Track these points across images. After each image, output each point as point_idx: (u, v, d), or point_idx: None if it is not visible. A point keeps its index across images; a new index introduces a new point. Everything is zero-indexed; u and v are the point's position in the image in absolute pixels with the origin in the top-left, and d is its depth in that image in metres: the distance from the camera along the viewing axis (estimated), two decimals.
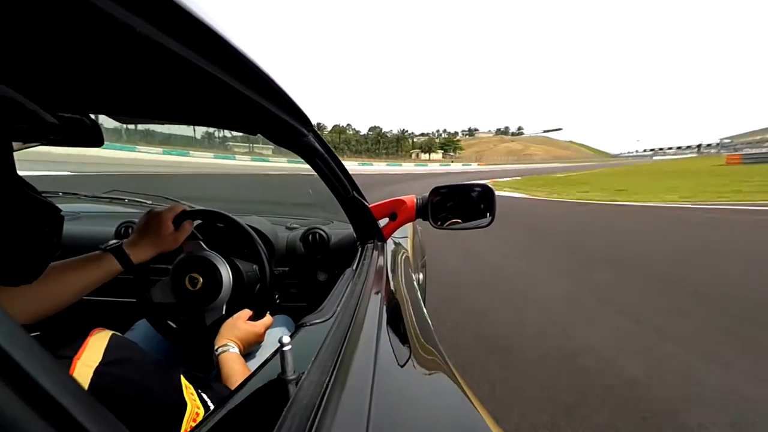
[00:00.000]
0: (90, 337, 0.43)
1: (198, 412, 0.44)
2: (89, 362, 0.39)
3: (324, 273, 1.16)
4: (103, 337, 0.44)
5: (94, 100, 0.61)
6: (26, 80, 0.47)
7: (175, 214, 0.77)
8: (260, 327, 0.78)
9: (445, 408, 0.45)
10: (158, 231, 0.74)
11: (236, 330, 0.74)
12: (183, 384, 0.46)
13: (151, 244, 0.73)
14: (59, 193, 1.31)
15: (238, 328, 0.75)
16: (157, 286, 0.85)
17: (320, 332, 0.48)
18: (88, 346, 0.41)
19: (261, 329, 0.78)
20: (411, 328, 0.64)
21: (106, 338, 0.44)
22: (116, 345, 0.44)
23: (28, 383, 0.15)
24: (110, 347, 0.43)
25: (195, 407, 0.44)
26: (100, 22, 0.23)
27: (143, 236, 0.73)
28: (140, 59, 0.33)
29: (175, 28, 0.27)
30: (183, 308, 0.84)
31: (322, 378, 0.37)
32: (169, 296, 0.84)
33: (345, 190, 0.85)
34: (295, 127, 0.60)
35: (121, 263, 0.67)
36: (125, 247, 0.69)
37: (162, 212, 0.76)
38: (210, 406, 0.47)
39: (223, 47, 0.33)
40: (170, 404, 0.43)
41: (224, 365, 0.65)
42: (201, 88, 0.41)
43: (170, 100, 0.56)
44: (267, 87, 0.44)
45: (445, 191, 0.99)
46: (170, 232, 0.76)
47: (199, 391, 0.49)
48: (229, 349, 0.69)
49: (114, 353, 0.42)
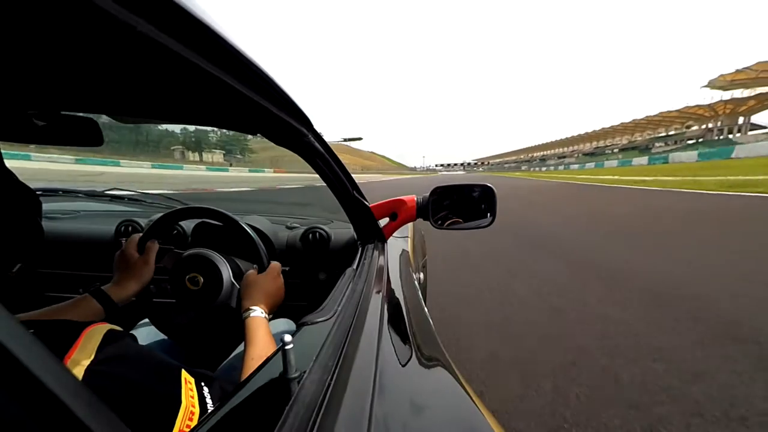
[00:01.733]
0: (84, 334, 0.42)
1: (193, 411, 0.43)
2: (79, 361, 0.38)
3: (324, 272, 1.16)
4: (98, 333, 0.43)
5: (94, 100, 0.61)
6: (26, 79, 0.47)
7: (135, 243, 0.81)
8: (279, 279, 0.79)
9: (446, 407, 0.45)
10: (127, 265, 0.77)
11: (258, 288, 0.75)
12: (183, 380, 0.45)
13: (126, 280, 0.75)
14: (59, 191, 1.31)
15: (260, 285, 0.75)
16: (158, 285, 0.85)
17: (321, 331, 0.48)
18: (80, 344, 0.40)
19: (280, 281, 0.79)
20: (412, 328, 0.64)
21: (101, 334, 0.43)
22: (111, 341, 0.43)
23: (29, 380, 0.15)
24: (104, 343, 0.42)
25: (190, 405, 0.44)
26: (100, 22, 0.23)
27: (119, 274, 0.76)
28: (140, 59, 0.33)
29: (176, 28, 0.27)
30: (184, 307, 0.84)
31: (323, 377, 0.37)
32: (170, 295, 0.84)
33: (345, 189, 0.85)
34: (296, 127, 0.60)
35: (104, 305, 0.68)
36: (106, 288, 0.71)
37: (124, 247, 0.80)
38: (209, 404, 0.46)
39: (223, 47, 0.33)
40: (163, 401, 0.42)
41: (247, 331, 0.65)
42: (201, 88, 0.41)
43: (170, 100, 0.56)
44: (267, 87, 0.44)
45: (446, 191, 0.99)
46: (137, 260, 0.78)
47: (201, 384, 0.48)
48: (251, 313, 0.69)
49: (108, 350, 0.41)
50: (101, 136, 0.71)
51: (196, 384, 0.47)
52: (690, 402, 1.46)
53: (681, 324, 2.13)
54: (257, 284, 0.75)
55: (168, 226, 0.94)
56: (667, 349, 1.88)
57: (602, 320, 2.24)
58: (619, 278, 3.02)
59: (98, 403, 0.19)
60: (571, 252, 4.00)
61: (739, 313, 2.23)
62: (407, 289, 0.88)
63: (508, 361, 1.83)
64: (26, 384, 0.15)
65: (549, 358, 1.84)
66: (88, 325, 0.44)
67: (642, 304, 2.45)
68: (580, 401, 1.50)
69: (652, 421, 1.37)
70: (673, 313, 2.28)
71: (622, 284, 2.87)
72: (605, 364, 1.76)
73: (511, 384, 1.64)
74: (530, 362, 1.81)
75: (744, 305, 2.34)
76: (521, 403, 1.51)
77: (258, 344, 0.62)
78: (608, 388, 1.58)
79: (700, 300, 2.46)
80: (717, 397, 1.47)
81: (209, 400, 0.47)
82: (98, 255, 1.17)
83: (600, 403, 1.48)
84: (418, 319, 0.71)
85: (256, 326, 0.66)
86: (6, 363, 0.15)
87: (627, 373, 1.68)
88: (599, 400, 1.50)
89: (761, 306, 2.32)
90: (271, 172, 39.68)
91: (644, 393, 1.53)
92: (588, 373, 1.70)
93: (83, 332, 0.42)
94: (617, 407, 1.45)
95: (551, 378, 1.66)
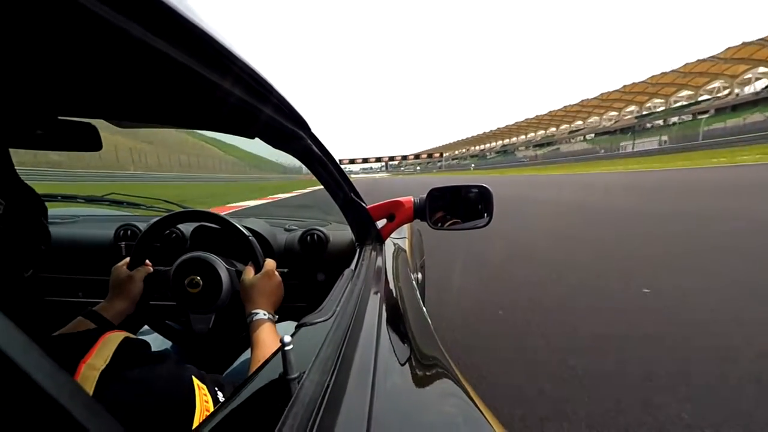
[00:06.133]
0: (100, 341, 0.43)
1: (208, 414, 0.44)
2: (96, 365, 0.39)
3: (323, 274, 1.17)
4: (114, 340, 0.44)
5: (92, 105, 0.62)
6: (24, 85, 0.47)
7: (126, 262, 0.82)
8: (276, 277, 0.80)
9: (445, 406, 0.46)
10: (117, 283, 0.78)
11: (257, 290, 0.75)
12: (195, 385, 0.46)
13: (116, 298, 0.76)
14: (58, 196, 1.31)
15: (258, 287, 0.76)
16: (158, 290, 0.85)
17: (320, 332, 0.49)
18: (97, 350, 0.41)
19: (277, 279, 0.80)
20: (410, 328, 0.65)
21: (118, 341, 0.44)
22: (127, 347, 0.44)
23: (29, 385, 0.15)
24: (120, 350, 0.42)
25: (205, 410, 0.44)
26: (96, 27, 0.24)
27: (111, 293, 0.77)
28: (138, 64, 0.34)
29: (173, 33, 0.28)
30: (183, 310, 0.84)
31: (322, 377, 0.38)
32: (170, 299, 0.84)
33: (343, 191, 0.85)
34: (293, 130, 0.61)
35: (98, 325, 0.68)
36: (99, 308, 0.72)
37: (117, 265, 0.81)
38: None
39: (220, 52, 0.33)
40: (179, 407, 0.43)
41: (253, 334, 0.66)
42: (199, 92, 0.42)
43: (168, 104, 0.56)
44: (264, 91, 0.45)
45: (443, 192, 0.99)
46: (126, 276, 0.79)
47: (215, 389, 0.48)
48: (254, 317, 0.69)
49: (123, 356, 0.42)
50: (100, 141, 0.71)
51: (209, 389, 0.48)
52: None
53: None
54: (255, 286, 0.76)
55: (166, 229, 0.94)
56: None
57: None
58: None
59: (97, 407, 0.19)
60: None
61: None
62: (405, 289, 0.88)
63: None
64: (22, 385, 0.15)
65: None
66: (104, 333, 0.45)
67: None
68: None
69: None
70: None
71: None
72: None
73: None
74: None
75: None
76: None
77: (264, 347, 0.62)
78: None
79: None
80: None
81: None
82: (97, 259, 1.17)
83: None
84: (417, 318, 0.72)
85: (260, 329, 0.67)
86: (4, 368, 0.15)
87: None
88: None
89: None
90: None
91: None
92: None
93: (100, 338, 0.44)
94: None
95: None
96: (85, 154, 3.31)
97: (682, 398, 1.46)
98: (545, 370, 1.73)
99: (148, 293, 0.82)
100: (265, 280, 0.78)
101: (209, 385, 0.48)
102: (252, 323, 0.68)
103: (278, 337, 0.65)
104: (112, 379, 0.39)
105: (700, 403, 1.43)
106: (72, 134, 0.68)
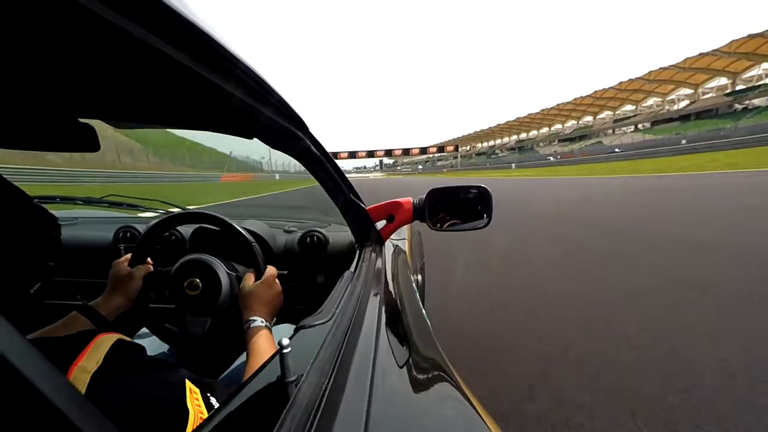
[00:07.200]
0: (93, 342, 0.42)
1: (202, 419, 0.43)
2: (87, 368, 0.39)
3: (322, 275, 1.16)
4: (107, 342, 0.43)
5: (90, 105, 0.61)
6: (22, 86, 0.47)
7: (127, 259, 0.82)
8: (276, 285, 0.79)
9: (443, 409, 0.45)
10: (115, 278, 0.78)
11: (256, 298, 0.74)
12: (188, 390, 0.45)
13: (114, 294, 0.76)
14: (56, 198, 1.31)
15: (258, 294, 0.75)
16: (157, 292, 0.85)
17: (319, 334, 0.48)
18: (89, 352, 0.41)
19: (277, 287, 0.79)
20: (410, 330, 0.64)
21: (110, 343, 0.43)
22: (119, 350, 0.43)
23: (26, 387, 0.15)
24: (112, 352, 0.42)
25: (199, 414, 0.43)
26: (96, 27, 0.23)
27: (109, 288, 0.77)
28: (136, 64, 0.34)
29: (171, 33, 0.28)
30: (182, 313, 0.84)
31: (321, 379, 0.37)
32: (169, 301, 0.83)
33: (342, 192, 0.85)
34: (291, 130, 0.61)
35: (93, 321, 0.68)
36: (95, 303, 0.72)
37: (117, 261, 0.81)
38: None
39: (218, 52, 0.33)
40: (172, 411, 0.42)
41: (249, 341, 0.65)
42: (197, 92, 0.42)
43: (166, 104, 0.56)
44: (263, 91, 0.44)
45: (442, 193, 0.99)
46: (126, 273, 0.79)
47: (207, 395, 0.47)
48: (252, 324, 0.68)
49: (115, 358, 0.41)
50: (98, 142, 0.71)
51: (202, 394, 0.47)
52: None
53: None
54: (255, 294, 0.75)
55: (165, 231, 0.93)
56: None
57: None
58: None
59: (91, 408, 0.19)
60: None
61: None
62: (405, 291, 0.88)
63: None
64: (22, 391, 0.15)
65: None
66: (97, 334, 0.44)
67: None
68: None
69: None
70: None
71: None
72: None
73: None
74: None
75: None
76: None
77: (260, 354, 0.62)
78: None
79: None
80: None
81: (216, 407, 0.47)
82: (96, 261, 1.17)
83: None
84: (416, 320, 0.71)
85: (257, 336, 0.66)
86: (3, 370, 0.15)
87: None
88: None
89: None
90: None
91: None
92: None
93: (92, 341, 0.43)
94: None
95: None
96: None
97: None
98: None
99: (146, 292, 0.82)
100: (266, 288, 0.77)
101: (203, 389, 0.48)
102: (249, 330, 0.68)
103: (274, 345, 0.65)
104: (104, 382, 0.38)
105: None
106: (70, 135, 0.68)
